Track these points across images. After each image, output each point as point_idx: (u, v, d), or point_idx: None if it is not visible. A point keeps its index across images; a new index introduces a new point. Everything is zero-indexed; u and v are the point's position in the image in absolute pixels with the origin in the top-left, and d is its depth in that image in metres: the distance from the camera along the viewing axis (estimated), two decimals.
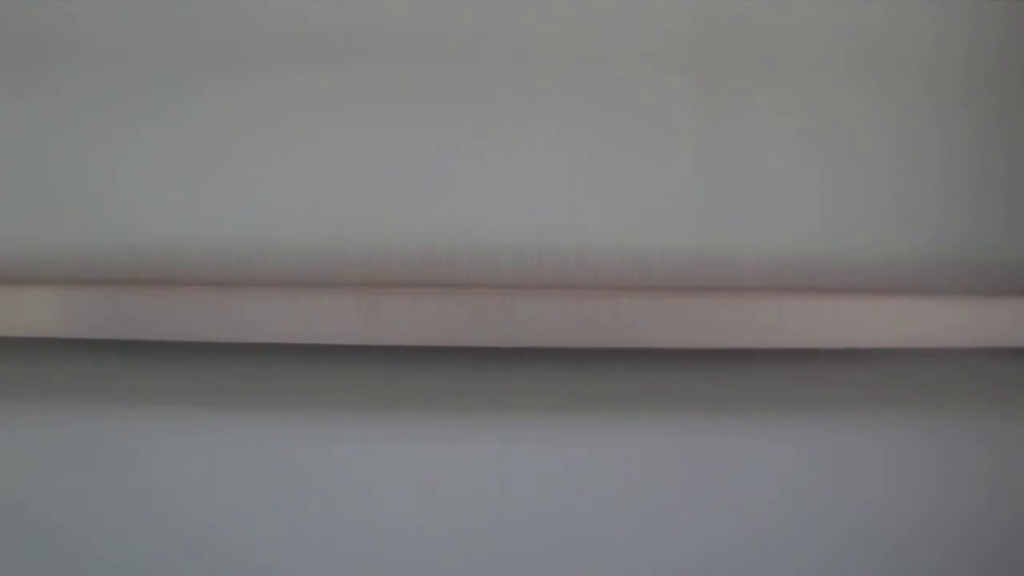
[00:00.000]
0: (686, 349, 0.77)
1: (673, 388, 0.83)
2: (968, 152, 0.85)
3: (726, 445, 0.84)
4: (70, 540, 0.83)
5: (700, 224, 0.84)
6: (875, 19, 0.84)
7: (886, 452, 0.85)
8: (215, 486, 0.83)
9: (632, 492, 0.84)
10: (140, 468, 0.82)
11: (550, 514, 0.84)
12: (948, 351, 0.84)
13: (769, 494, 0.84)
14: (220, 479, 0.83)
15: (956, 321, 0.75)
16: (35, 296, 0.73)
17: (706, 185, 0.84)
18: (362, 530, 0.83)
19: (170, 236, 0.82)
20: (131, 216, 0.82)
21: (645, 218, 0.84)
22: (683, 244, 0.84)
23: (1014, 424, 0.85)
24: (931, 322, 0.75)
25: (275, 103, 0.83)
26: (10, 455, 0.82)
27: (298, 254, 0.83)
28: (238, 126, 0.82)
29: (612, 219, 0.83)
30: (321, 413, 0.83)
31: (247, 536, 0.83)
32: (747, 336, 0.75)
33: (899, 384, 0.84)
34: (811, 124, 0.84)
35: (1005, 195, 0.85)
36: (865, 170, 0.84)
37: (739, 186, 0.84)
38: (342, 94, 0.83)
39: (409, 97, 0.83)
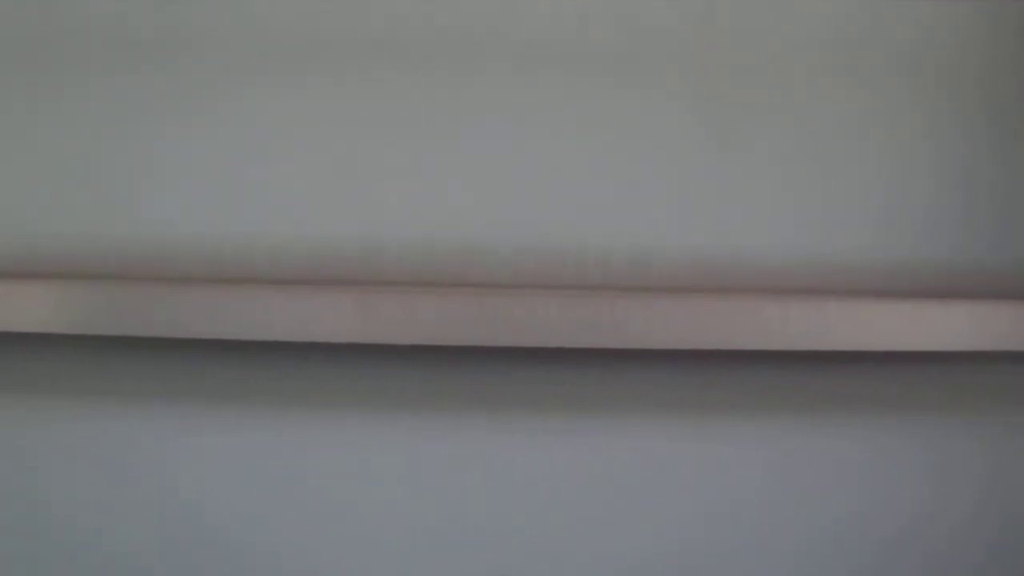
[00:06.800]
0: (687, 350, 0.76)
1: (674, 390, 0.83)
2: (965, 155, 0.84)
3: (727, 447, 0.83)
4: (69, 536, 0.82)
5: (701, 225, 0.83)
6: (874, 25, 0.84)
7: (886, 455, 0.84)
8: (210, 483, 0.82)
9: (632, 493, 0.83)
10: (135, 464, 0.82)
11: (549, 515, 0.83)
12: (952, 355, 0.83)
13: (769, 495, 0.84)
14: (215, 476, 0.82)
15: (960, 324, 0.74)
16: (32, 291, 0.72)
17: (708, 186, 0.83)
18: (359, 529, 0.83)
19: (168, 233, 0.82)
20: (128, 212, 0.82)
21: (646, 218, 0.83)
22: (684, 244, 0.83)
23: (1011, 429, 0.85)
24: (936, 325, 0.74)
25: (275, 102, 0.82)
26: (6, 451, 0.82)
27: (296, 252, 0.82)
28: (237, 124, 0.82)
29: (613, 219, 0.83)
30: (318, 412, 0.82)
31: (242, 531, 0.83)
32: (749, 338, 0.74)
33: (900, 387, 0.84)
34: (813, 126, 0.84)
35: (1007, 197, 0.84)
36: (866, 172, 0.84)
37: (741, 187, 0.83)
38: (342, 93, 0.82)
39: (409, 97, 0.83)
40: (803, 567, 0.84)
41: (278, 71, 0.82)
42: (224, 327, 0.73)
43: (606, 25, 0.83)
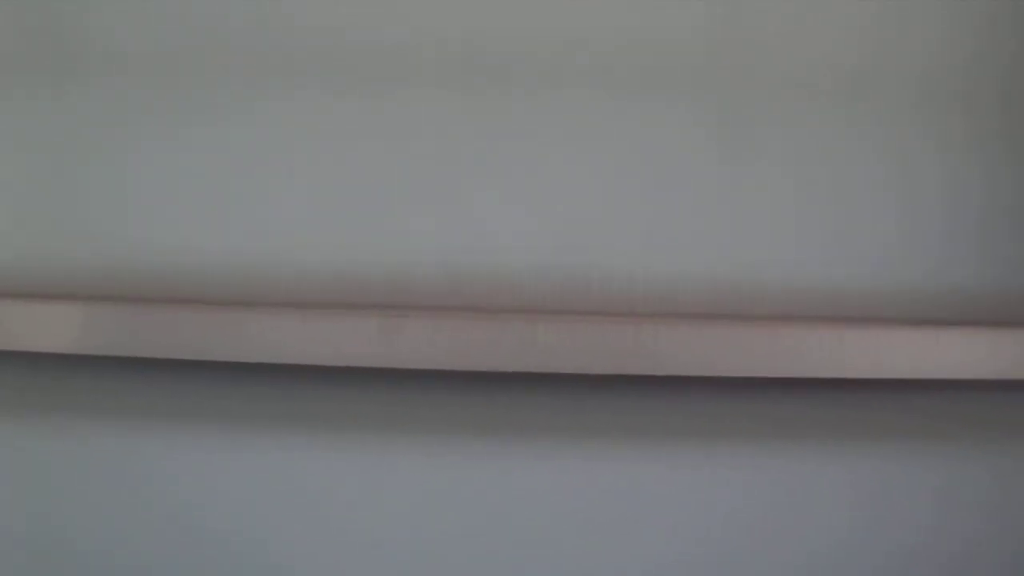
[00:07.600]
0: (709, 376, 0.77)
1: (696, 415, 0.83)
2: (981, 180, 0.85)
3: (739, 473, 0.83)
4: (88, 553, 0.82)
5: (721, 253, 0.84)
6: (890, 49, 0.84)
7: (899, 483, 0.84)
8: (231, 505, 0.82)
9: (649, 517, 0.83)
10: (157, 484, 0.82)
11: (571, 538, 0.83)
12: (968, 382, 0.83)
13: (780, 522, 0.84)
14: (236, 498, 0.82)
15: (977, 352, 0.74)
16: (58, 312, 0.73)
17: (728, 214, 0.84)
18: (380, 553, 0.83)
19: (193, 255, 0.82)
20: (153, 234, 0.83)
21: (668, 244, 0.83)
22: (706, 271, 0.83)
23: (1012, 458, 0.85)
24: (952, 353, 0.74)
25: (299, 121, 0.83)
26: (29, 468, 0.82)
27: (320, 275, 0.83)
28: (263, 145, 0.83)
29: (635, 245, 0.83)
30: (340, 435, 0.82)
31: (260, 555, 0.83)
32: (768, 365, 0.74)
33: (914, 414, 0.84)
34: (830, 153, 0.84)
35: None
36: (882, 199, 0.84)
37: (760, 215, 0.84)
38: (367, 114, 0.83)
39: (434, 120, 0.83)
40: None
41: (305, 92, 0.83)
42: (247, 350, 0.73)
43: (632, 48, 0.83)
